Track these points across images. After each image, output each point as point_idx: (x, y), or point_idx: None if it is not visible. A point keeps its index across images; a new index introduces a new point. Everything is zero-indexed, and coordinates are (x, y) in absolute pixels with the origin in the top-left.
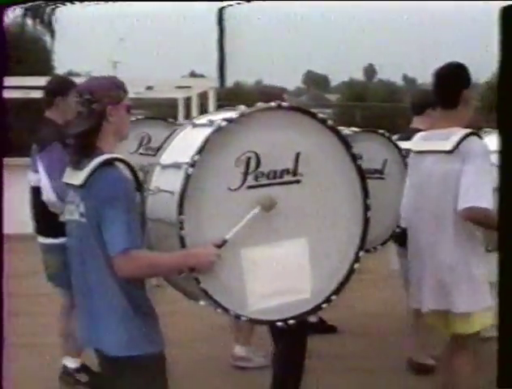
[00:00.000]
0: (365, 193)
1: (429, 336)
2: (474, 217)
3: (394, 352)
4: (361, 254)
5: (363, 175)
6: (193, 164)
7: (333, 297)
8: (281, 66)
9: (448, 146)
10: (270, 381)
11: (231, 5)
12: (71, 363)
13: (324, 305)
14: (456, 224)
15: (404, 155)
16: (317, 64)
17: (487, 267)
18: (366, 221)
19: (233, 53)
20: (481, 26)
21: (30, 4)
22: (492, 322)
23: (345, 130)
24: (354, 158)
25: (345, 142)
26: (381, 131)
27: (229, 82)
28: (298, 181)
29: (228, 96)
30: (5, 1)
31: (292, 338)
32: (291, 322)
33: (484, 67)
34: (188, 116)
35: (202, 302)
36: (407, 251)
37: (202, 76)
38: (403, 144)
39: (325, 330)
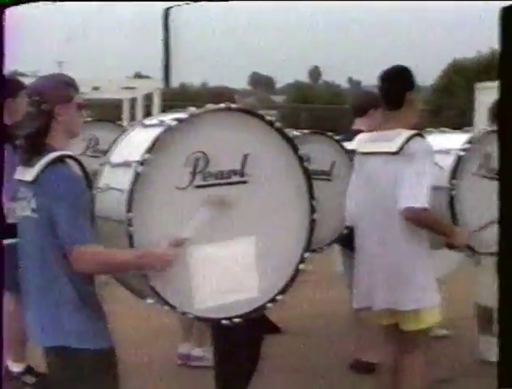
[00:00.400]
0: (311, 195)
1: (373, 336)
2: (413, 217)
3: (338, 352)
4: (307, 255)
5: (309, 177)
6: (142, 163)
7: (279, 297)
8: (227, 68)
9: (393, 147)
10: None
11: (179, 5)
12: (16, 367)
13: (269, 305)
14: (402, 223)
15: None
16: (263, 66)
17: (433, 265)
18: (312, 223)
19: (179, 55)
20: (427, 29)
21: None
22: (440, 318)
23: (294, 132)
24: (301, 160)
25: (292, 144)
26: (329, 133)
27: (174, 83)
28: (245, 182)
29: (174, 97)
30: (5, 1)
31: (240, 337)
32: (236, 320)
33: (429, 70)
34: (133, 117)
35: (149, 300)
36: (353, 252)
37: (147, 77)
38: (347, 145)
39: (269, 330)
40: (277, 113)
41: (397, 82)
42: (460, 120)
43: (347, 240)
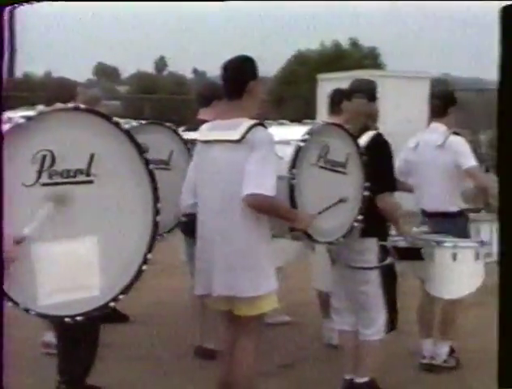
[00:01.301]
0: (155, 197)
1: (215, 323)
2: (255, 204)
3: (182, 339)
4: (149, 256)
5: (154, 179)
6: None
7: (121, 297)
8: (72, 58)
9: (235, 135)
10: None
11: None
12: None
13: (111, 304)
14: (244, 211)
15: (189, 146)
16: (108, 56)
17: (273, 253)
18: (155, 225)
19: (22, 43)
20: (272, 20)
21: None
22: (276, 305)
23: (133, 122)
24: (146, 162)
25: (138, 146)
26: (167, 124)
27: (18, 73)
28: (91, 182)
29: (18, 87)
30: (5, 1)
31: (79, 332)
32: (79, 318)
33: (273, 61)
34: None
35: None
36: (194, 240)
37: None
38: (190, 135)
39: (117, 319)
40: (121, 104)
41: (239, 72)
42: (303, 110)
43: (187, 228)
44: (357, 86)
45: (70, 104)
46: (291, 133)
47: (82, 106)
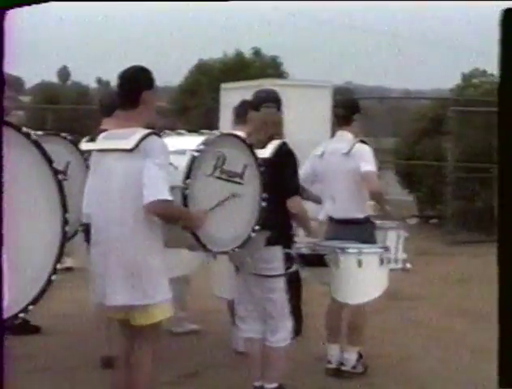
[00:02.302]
0: (64, 208)
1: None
2: (159, 210)
3: (88, 349)
4: (59, 266)
5: (62, 190)
6: None
7: (30, 307)
8: None
9: (129, 144)
10: None
11: None
12: None
13: (21, 315)
14: (136, 219)
15: (86, 157)
16: (12, 65)
17: (166, 262)
18: (64, 235)
19: None
20: (174, 30)
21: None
22: (170, 314)
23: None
24: (55, 173)
25: (47, 157)
26: (63, 134)
27: None
28: None
29: None
30: (5, 4)
31: None
32: None
33: (176, 71)
34: None
35: None
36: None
37: None
38: (89, 145)
39: (29, 330)
40: (25, 114)
41: (133, 81)
42: (207, 119)
43: (87, 236)
44: (265, 96)
45: None
46: (187, 143)
47: None
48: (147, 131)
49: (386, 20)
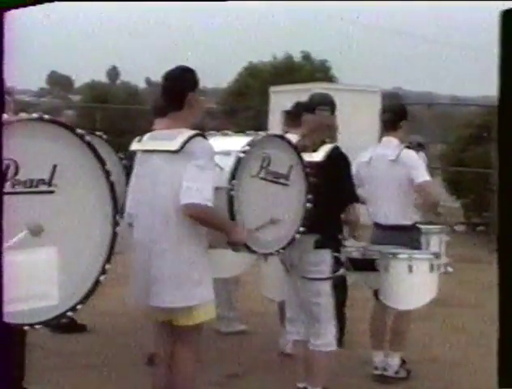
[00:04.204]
0: (115, 209)
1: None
2: (193, 213)
3: (133, 347)
4: (108, 266)
5: (114, 192)
6: None
7: (79, 306)
8: (25, 66)
9: (174, 146)
10: None
11: None
12: None
13: (70, 313)
14: (180, 221)
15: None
16: (61, 65)
17: (210, 263)
18: (114, 236)
19: None
20: (224, 32)
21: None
22: (213, 315)
23: None
24: (107, 174)
25: (100, 158)
26: (98, 133)
27: None
28: (52, 192)
29: None
30: (5, 4)
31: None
32: (37, 327)
33: (224, 73)
34: None
35: None
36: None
37: None
38: (135, 145)
39: (75, 329)
40: (74, 113)
41: (179, 82)
42: (255, 122)
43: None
44: (320, 99)
45: (35, 115)
46: (233, 143)
47: (46, 117)
48: (192, 132)
49: (436, 27)
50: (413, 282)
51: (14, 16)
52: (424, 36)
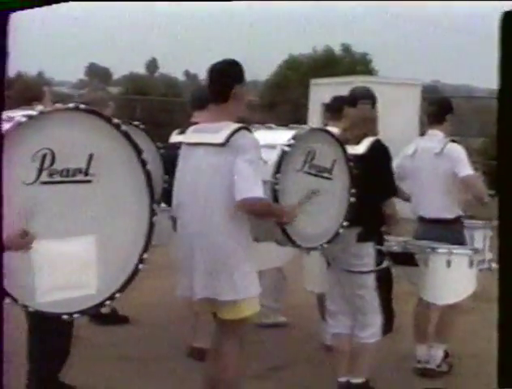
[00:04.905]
0: (152, 198)
1: (203, 323)
2: (251, 208)
3: (174, 339)
4: (145, 256)
5: (150, 181)
6: None
7: (117, 295)
8: (64, 59)
9: (219, 139)
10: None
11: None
12: None
13: (108, 302)
14: (226, 214)
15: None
16: (100, 57)
17: (255, 257)
18: (151, 226)
19: (15, 44)
20: (265, 26)
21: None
22: (257, 309)
23: None
24: (143, 164)
25: (136, 147)
26: (136, 123)
27: (11, 73)
28: (89, 181)
29: (11, 86)
30: (9, 6)
31: (52, 325)
32: (76, 316)
33: (264, 65)
34: None
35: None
36: None
37: None
38: (179, 138)
39: (117, 320)
40: (113, 105)
41: (224, 75)
42: (295, 115)
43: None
44: (361, 92)
45: (71, 104)
46: (277, 137)
47: (82, 106)
48: (237, 126)
49: (475, 19)
50: (451, 277)
51: (51, 11)
52: (462, 28)
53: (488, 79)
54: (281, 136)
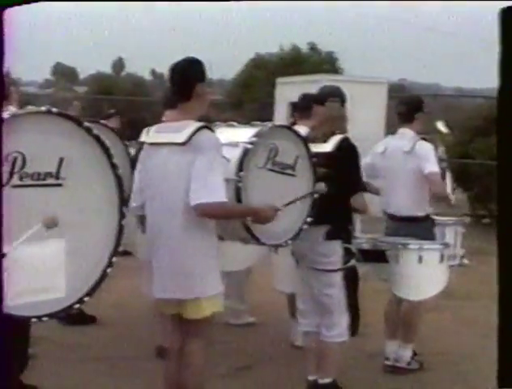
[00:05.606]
0: (122, 201)
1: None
2: (208, 213)
3: (142, 339)
4: (114, 259)
5: (121, 184)
6: None
7: (86, 298)
8: (29, 58)
9: (181, 138)
10: None
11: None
12: None
13: (77, 305)
14: (187, 213)
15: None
16: (66, 56)
17: (219, 256)
18: (120, 229)
19: None
20: (230, 24)
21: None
22: (221, 308)
23: None
24: (114, 167)
25: (107, 151)
26: (103, 122)
27: None
28: (60, 185)
29: None
30: (5, 1)
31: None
32: (45, 319)
33: (231, 64)
34: None
35: None
36: None
37: None
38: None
39: (85, 320)
40: (79, 104)
41: (186, 74)
42: (261, 113)
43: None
44: (330, 91)
45: (43, 108)
46: (240, 135)
47: (54, 110)
48: (199, 125)
49: (443, 18)
50: (423, 272)
51: (18, 10)
52: (431, 27)
53: (456, 78)
54: (244, 134)
